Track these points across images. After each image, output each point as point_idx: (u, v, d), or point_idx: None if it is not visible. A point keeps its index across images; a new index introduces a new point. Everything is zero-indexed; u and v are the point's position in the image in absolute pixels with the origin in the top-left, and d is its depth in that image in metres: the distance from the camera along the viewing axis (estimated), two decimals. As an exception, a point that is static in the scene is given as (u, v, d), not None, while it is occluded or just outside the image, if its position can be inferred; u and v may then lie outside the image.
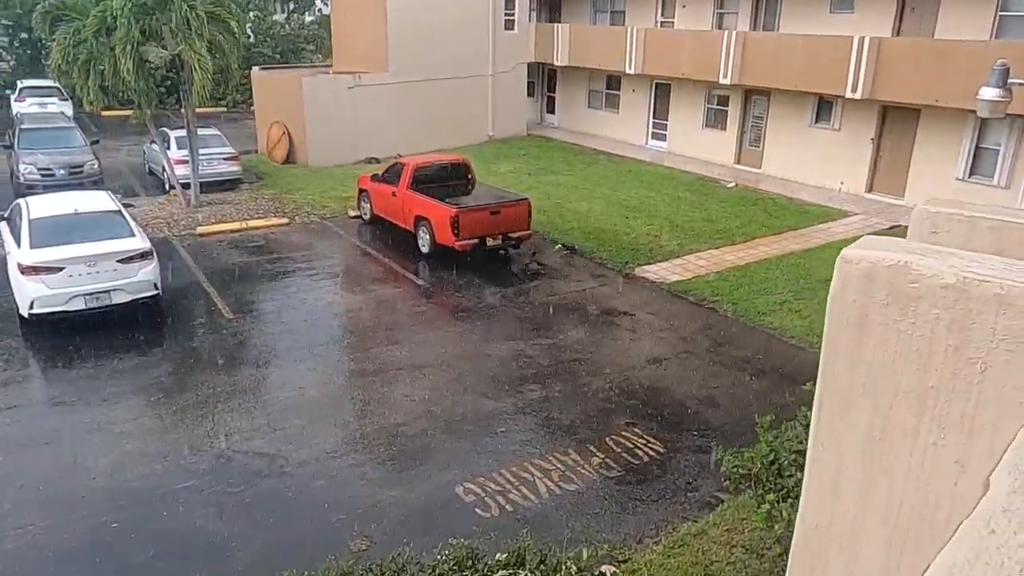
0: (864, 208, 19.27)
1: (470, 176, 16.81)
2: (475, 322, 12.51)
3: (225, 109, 33.57)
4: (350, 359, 11.09)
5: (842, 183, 20.65)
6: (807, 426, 6.70)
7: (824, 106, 20.70)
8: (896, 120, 19.21)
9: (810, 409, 6.59)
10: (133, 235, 12.03)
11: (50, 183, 18.65)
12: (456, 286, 14.22)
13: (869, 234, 18.02)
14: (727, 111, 23.67)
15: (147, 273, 11.79)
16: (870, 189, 20.17)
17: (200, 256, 15.48)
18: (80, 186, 18.91)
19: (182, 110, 18.67)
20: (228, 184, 20.45)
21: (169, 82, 21.66)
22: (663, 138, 26.17)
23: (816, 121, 21.08)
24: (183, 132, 20.44)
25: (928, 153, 18.56)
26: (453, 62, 25.88)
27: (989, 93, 6.69)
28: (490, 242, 14.98)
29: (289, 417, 9.34)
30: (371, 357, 11.13)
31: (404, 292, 13.86)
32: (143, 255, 11.76)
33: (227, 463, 8.40)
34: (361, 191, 17.99)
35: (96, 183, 19.30)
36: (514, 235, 15.20)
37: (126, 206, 14.21)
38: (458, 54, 26.04)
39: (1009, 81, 6.55)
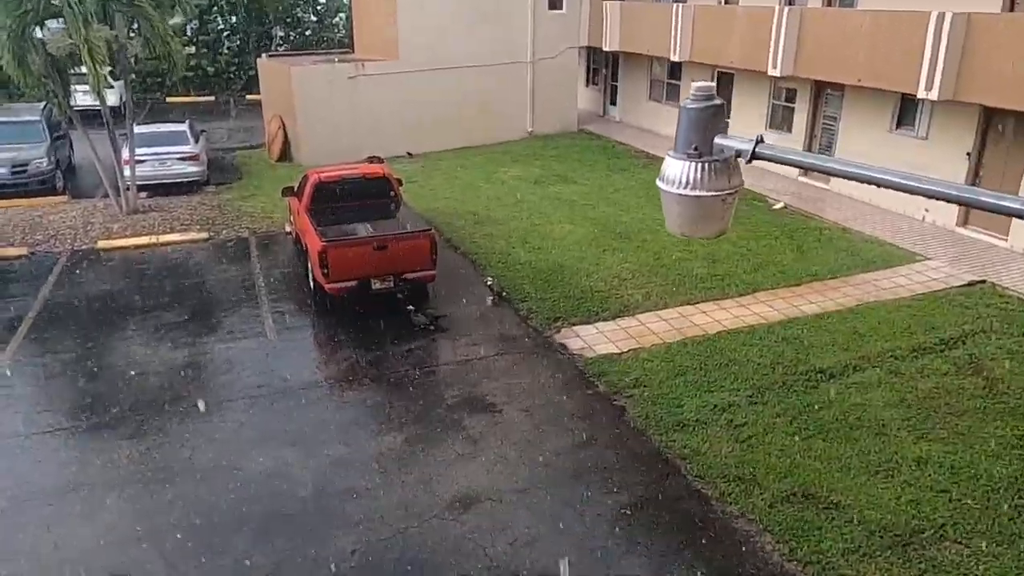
0: (948, 250, 14.00)
1: (393, 194, 13.51)
2: (276, 407, 9.34)
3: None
4: (55, 458, 8.31)
5: (926, 211, 15.32)
6: None
7: (909, 106, 15.39)
8: (1002, 129, 13.72)
9: None
10: None
11: (-9, 182, 17.45)
12: (309, 346, 11.12)
13: (940, 290, 12.93)
14: (794, 109, 18.66)
15: None
16: (964, 223, 14.76)
17: (69, 279, 13.37)
18: (25, 186, 17.69)
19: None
20: (187, 186, 18.40)
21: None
22: (723, 139, 21.35)
23: (898, 126, 15.80)
24: (143, 129, 18.72)
25: (1044, 178, 13.04)
26: (482, 48, 22.43)
27: (680, 174, 2.55)
28: (377, 285, 11.67)
29: None
30: (83, 461, 8.30)
31: (239, 351, 10.85)
32: None
33: None
34: (289, 205, 15.24)
35: (44, 182, 17.96)
36: (410, 276, 11.79)
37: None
38: (489, 39, 22.54)
39: (733, 147, 2.43)
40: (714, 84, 2.66)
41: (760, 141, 2.50)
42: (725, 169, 2.52)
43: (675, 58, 20.28)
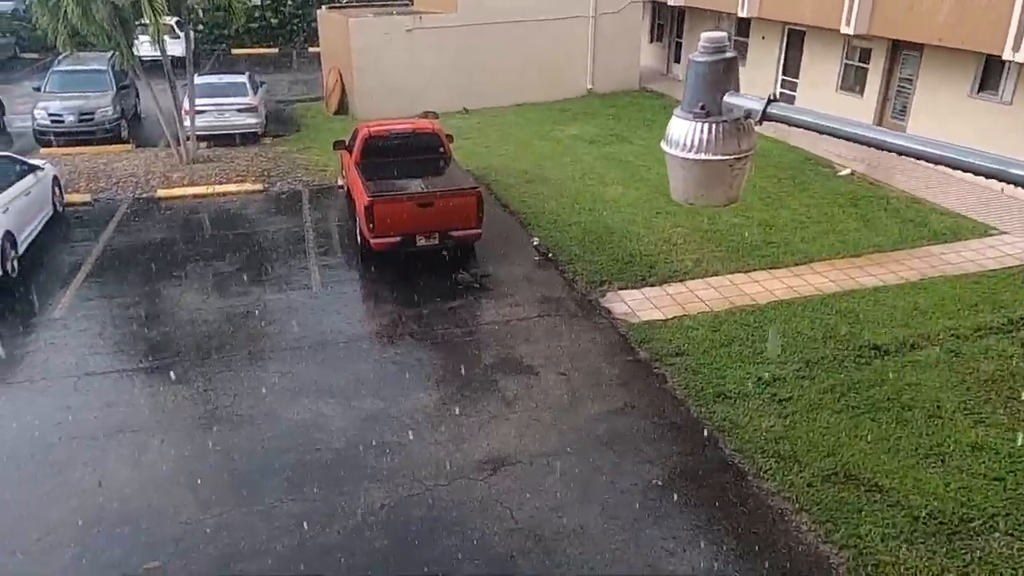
0: (1025, 223, 13.19)
1: (442, 150, 13.37)
2: (317, 359, 9.44)
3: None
4: (104, 399, 8.61)
5: (1006, 182, 14.38)
6: None
7: (992, 68, 14.39)
8: (1095, 95, 12.73)
9: None
10: None
11: (60, 130, 17.96)
12: (353, 300, 11.19)
13: (1014, 267, 12.18)
14: (867, 70, 17.70)
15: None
16: (1047, 194, 13.82)
17: (128, 227, 13.73)
18: (91, 133, 18.15)
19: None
20: (245, 137, 18.61)
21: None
22: (791, 101, 20.45)
23: (980, 90, 14.82)
24: (204, 80, 18.96)
25: None
26: (543, 1, 21.91)
27: (685, 135, 2.27)
28: (421, 242, 11.62)
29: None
30: (131, 403, 8.57)
31: (286, 303, 10.97)
32: None
33: None
34: (341, 159, 15.26)
35: (109, 131, 18.38)
36: (456, 234, 11.69)
37: (30, 168, 12.79)
38: (550, -9, 21.98)
39: (743, 107, 2.10)
40: (726, 35, 2.39)
41: (773, 100, 2.25)
42: (735, 131, 2.27)
43: (743, 14, 19.42)
